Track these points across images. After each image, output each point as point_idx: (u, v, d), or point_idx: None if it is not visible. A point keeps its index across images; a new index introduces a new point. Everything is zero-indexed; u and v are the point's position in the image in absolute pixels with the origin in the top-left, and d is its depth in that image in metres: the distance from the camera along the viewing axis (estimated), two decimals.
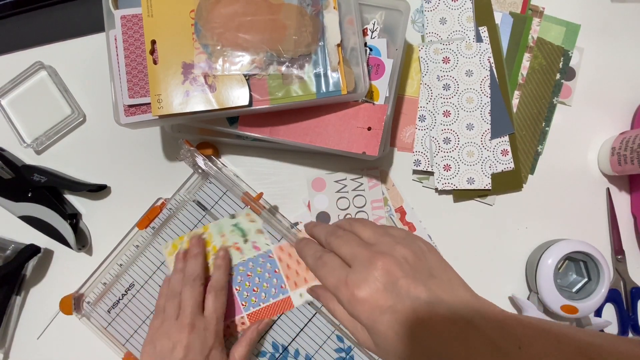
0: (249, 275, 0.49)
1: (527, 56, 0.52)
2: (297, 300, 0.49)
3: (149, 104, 0.42)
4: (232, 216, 0.49)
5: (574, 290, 0.50)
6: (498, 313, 0.29)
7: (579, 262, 0.50)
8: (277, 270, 0.49)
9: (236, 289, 0.49)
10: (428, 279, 0.30)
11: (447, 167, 0.51)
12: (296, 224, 0.51)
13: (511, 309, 0.52)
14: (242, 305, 0.49)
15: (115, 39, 0.42)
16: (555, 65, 0.53)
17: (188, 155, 0.48)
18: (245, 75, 0.41)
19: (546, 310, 0.49)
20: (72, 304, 0.48)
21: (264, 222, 0.49)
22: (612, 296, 0.52)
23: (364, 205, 0.52)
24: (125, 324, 0.49)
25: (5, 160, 0.50)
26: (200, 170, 0.49)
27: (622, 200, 0.53)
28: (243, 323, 0.49)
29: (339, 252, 0.33)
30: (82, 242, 0.51)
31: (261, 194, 0.48)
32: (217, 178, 0.49)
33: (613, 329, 0.53)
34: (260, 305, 0.49)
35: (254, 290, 0.49)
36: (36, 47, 0.53)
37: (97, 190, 0.52)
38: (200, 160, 0.48)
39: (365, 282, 0.29)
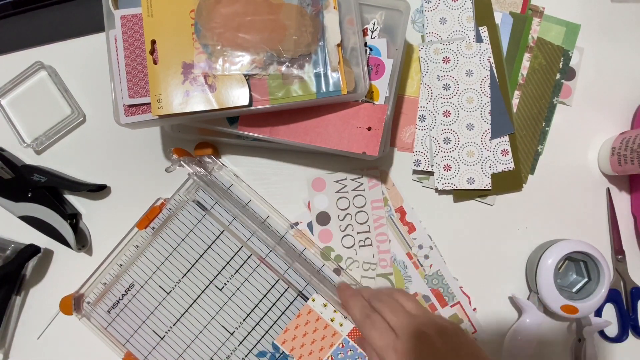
0: None
1: (527, 56, 0.52)
2: None
3: (149, 104, 0.42)
4: None
5: (574, 290, 0.50)
6: None
7: (579, 262, 0.50)
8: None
9: None
10: (460, 349, 0.36)
11: (447, 167, 0.51)
12: (296, 223, 0.51)
13: (511, 309, 0.52)
14: None
15: (115, 39, 0.42)
16: (555, 65, 0.53)
17: (177, 166, 0.47)
18: (245, 75, 0.41)
19: (546, 310, 0.49)
20: (72, 304, 0.48)
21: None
22: (612, 296, 0.52)
23: (364, 205, 0.52)
24: (125, 324, 0.49)
25: (5, 160, 0.50)
26: (195, 178, 0.49)
27: (622, 200, 0.53)
28: None
29: (384, 316, 0.38)
30: (82, 242, 0.51)
31: None
32: (210, 187, 0.48)
33: (613, 329, 0.53)
34: None
35: None
36: (36, 47, 0.53)
37: (97, 190, 0.52)
38: (189, 170, 0.48)
39: (410, 353, 0.34)
